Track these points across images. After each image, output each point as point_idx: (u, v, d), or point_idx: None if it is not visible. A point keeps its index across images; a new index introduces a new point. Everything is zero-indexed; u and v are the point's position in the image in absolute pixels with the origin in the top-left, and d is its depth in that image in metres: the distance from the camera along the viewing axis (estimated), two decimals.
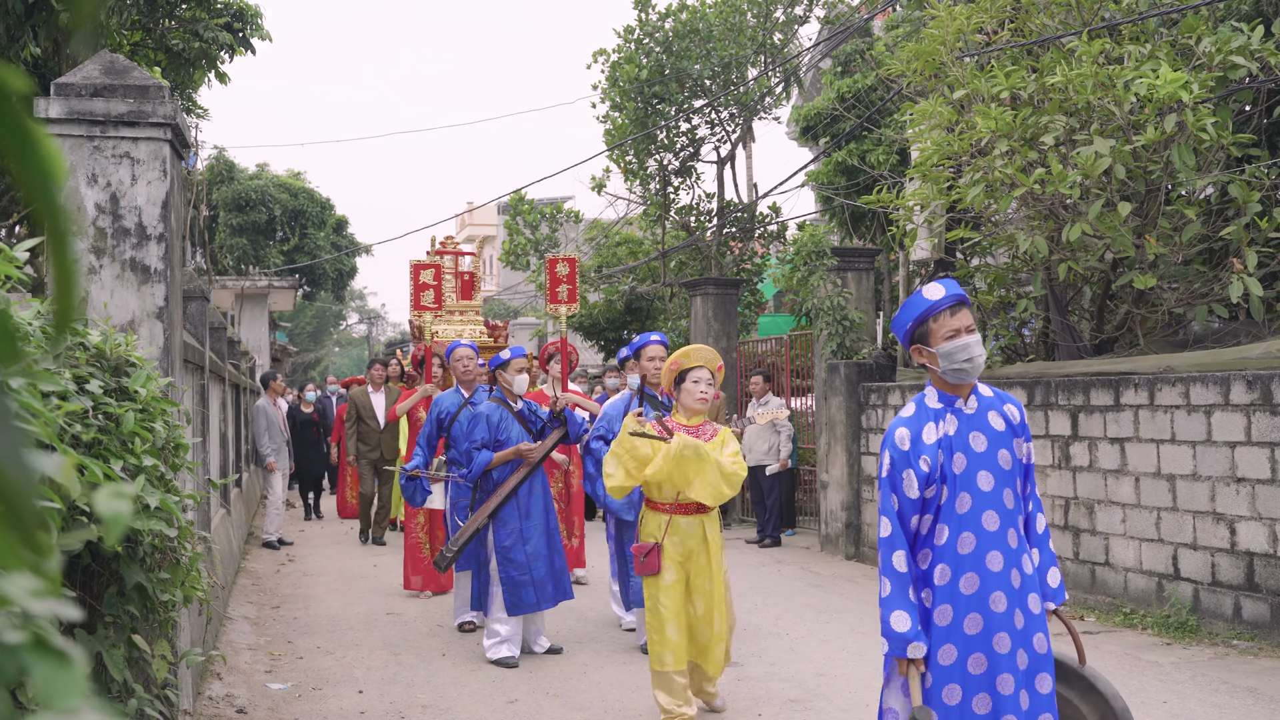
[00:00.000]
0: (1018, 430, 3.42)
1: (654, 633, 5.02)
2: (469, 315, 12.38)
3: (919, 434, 3.32)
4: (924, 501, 3.30)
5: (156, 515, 2.74)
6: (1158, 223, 7.94)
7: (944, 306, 3.34)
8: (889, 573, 3.27)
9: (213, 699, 5.66)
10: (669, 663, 4.97)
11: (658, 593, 5.00)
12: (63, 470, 0.80)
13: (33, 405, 1.93)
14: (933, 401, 3.39)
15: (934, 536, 3.30)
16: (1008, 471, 3.34)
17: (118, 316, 4.50)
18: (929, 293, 3.38)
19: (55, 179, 0.64)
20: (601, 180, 17.77)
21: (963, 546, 3.26)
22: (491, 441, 6.69)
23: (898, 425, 3.36)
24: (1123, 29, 8.28)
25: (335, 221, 30.75)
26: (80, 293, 1.50)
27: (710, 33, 15.73)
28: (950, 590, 3.25)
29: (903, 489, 3.30)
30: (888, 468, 3.33)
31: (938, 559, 3.28)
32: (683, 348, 5.28)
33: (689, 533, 5.07)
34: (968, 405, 3.37)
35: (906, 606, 3.23)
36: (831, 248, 11.65)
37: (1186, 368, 7.39)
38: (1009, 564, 3.28)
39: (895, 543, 3.28)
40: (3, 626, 0.69)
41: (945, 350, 3.30)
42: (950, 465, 3.29)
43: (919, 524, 3.32)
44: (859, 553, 10.79)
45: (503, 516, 6.62)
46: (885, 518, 3.30)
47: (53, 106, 4.54)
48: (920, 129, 9.24)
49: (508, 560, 6.54)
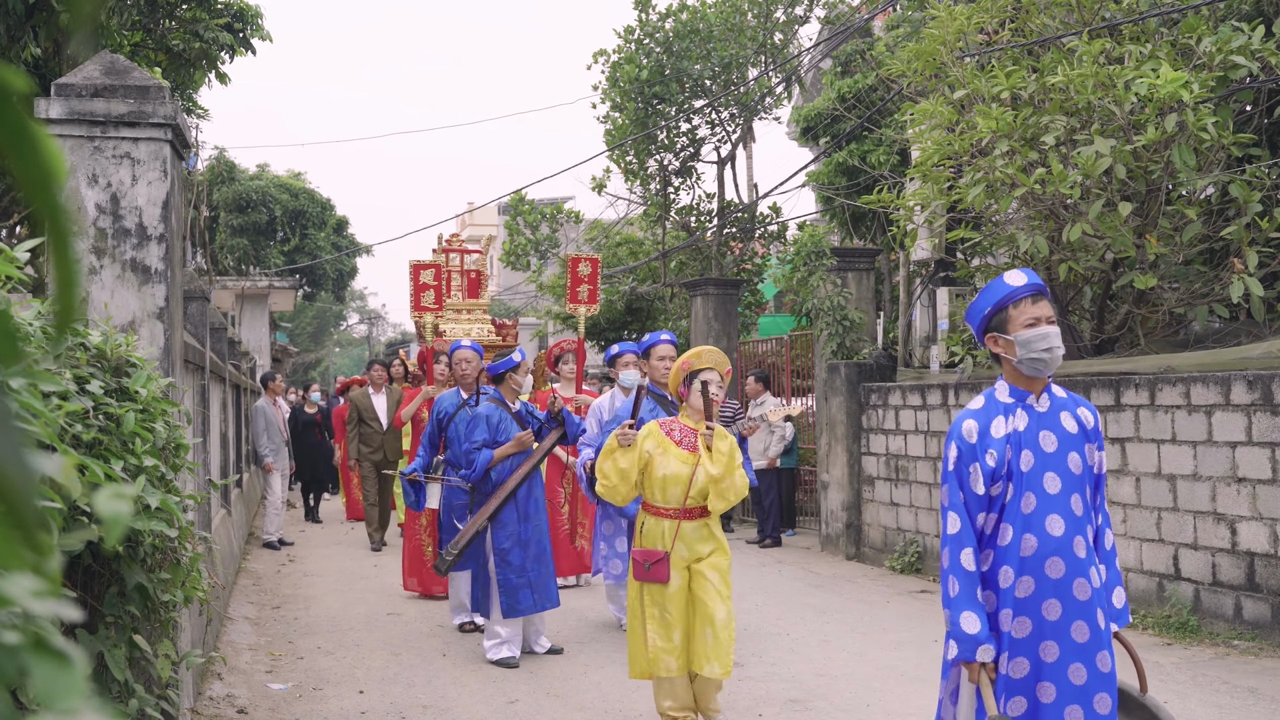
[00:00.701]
0: (1091, 436, 3.28)
1: (662, 639, 4.82)
2: (476, 314, 12.19)
3: (987, 427, 3.19)
4: (989, 499, 3.17)
5: (157, 516, 2.74)
6: (1158, 223, 7.93)
7: (1025, 294, 3.23)
8: (957, 571, 3.13)
9: (213, 699, 5.66)
10: (674, 668, 4.82)
11: (664, 600, 4.84)
12: (63, 470, 0.80)
13: (33, 405, 1.93)
14: (1003, 395, 3.26)
15: (998, 536, 3.17)
16: (1077, 476, 3.20)
17: (118, 317, 4.50)
18: (1011, 278, 3.27)
19: (56, 179, 0.64)
20: (602, 180, 17.77)
21: (1025, 549, 3.13)
22: (492, 442, 6.69)
23: (965, 417, 3.24)
24: (1123, 29, 8.28)
25: (336, 222, 30.76)
26: (81, 293, 1.51)
27: (710, 33, 15.73)
28: (1009, 594, 3.14)
29: (969, 484, 3.17)
30: (954, 460, 3.20)
31: (1001, 560, 3.16)
32: (693, 349, 5.19)
33: (693, 536, 4.93)
34: (1040, 402, 3.24)
35: (976, 607, 3.10)
36: (832, 248, 11.65)
37: (1187, 368, 7.39)
38: (1072, 573, 3.13)
39: (964, 539, 3.14)
40: (3, 627, 0.69)
41: (1024, 338, 3.17)
42: (1018, 462, 3.16)
43: (984, 522, 3.18)
44: (859, 553, 10.79)
45: (501, 519, 6.60)
46: (953, 513, 3.17)
47: (53, 107, 4.54)
48: (921, 129, 9.24)
49: (505, 563, 6.52)
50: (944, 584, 3.17)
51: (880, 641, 7.05)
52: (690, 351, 5.12)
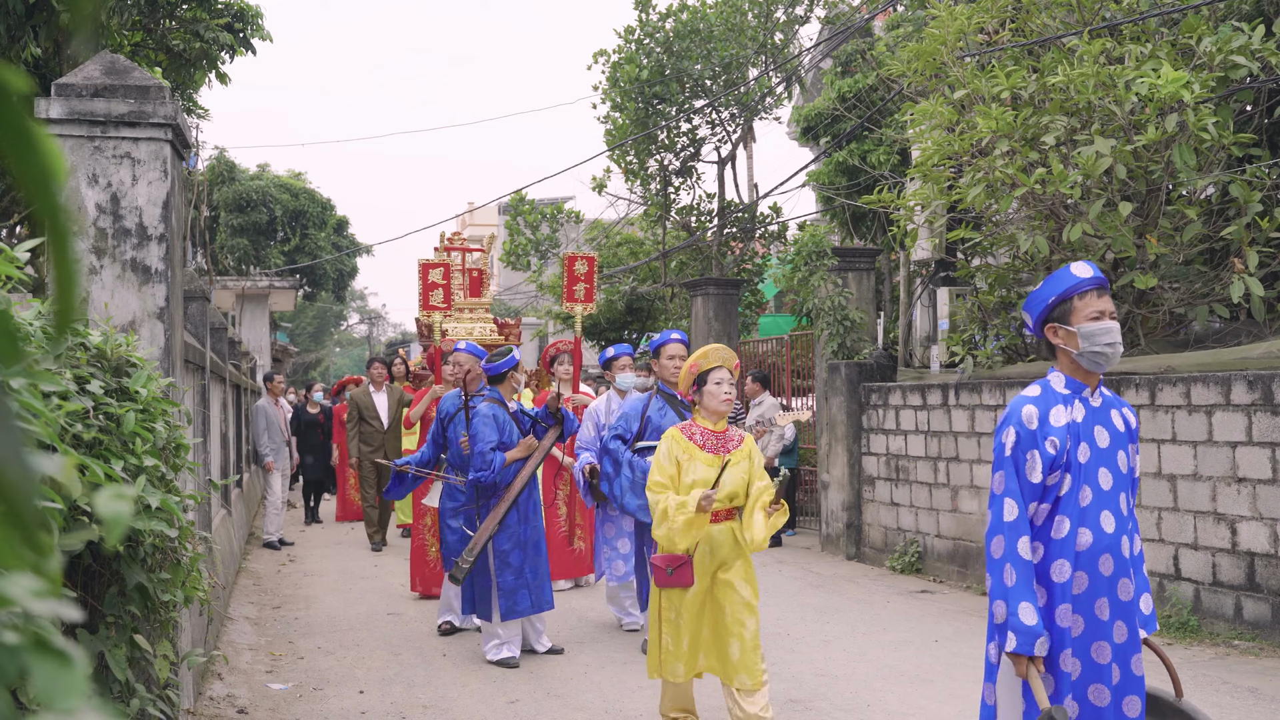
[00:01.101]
0: (1132, 437, 3.23)
1: (673, 643, 4.69)
2: (479, 313, 12.08)
3: (1046, 414, 3.10)
4: (1044, 488, 3.07)
5: (157, 515, 2.74)
6: (1158, 223, 7.93)
7: (1091, 286, 3.14)
8: (1014, 559, 3.00)
9: (214, 699, 5.66)
10: (680, 673, 4.71)
11: (680, 604, 4.69)
12: (64, 470, 0.80)
13: (34, 405, 1.93)
14: (1059, 386, 3.17)
15: (1052, 528, 3.07)
16: (1124, 475, 3.15)
17: (118, 317, 4.50)
18: (1078, 270, 3.17)
19: (56, 179, 0.64)
20: (602, 180, 17.77)
21: (1080, 543, 3.04)
22: (501, 443, 6.67)
23: (1024, 403, 3.12)
24: (1124, 29, 8.28)
25: (336, 222, 30.76)
26: (81, 293, 1.50)
27: (711, 33, 15.73)
28: (1066, 589, 3.04)
29: (1025, 470, 3.06)
30: (1011, 445, 3.09)
31: (1056, 553, 3.05)
32: (700, 348, 5.04)
33: (720, 540, 4.73)
34: (1094, 397, 3.16)
35: (1034, 598, 2.98)
36: (832, 248, 11.65)
37: (1187, 368, 7.38)
38: (1119, 572, 3.08)
39: (1020, 527, 3.02)
40: (4, 627, 0.69)
41: (1088, 331, 3.09)
42: (1076, 453, 3.07)
43: (1034, 513, 3.08)
44: (860, 553, 10.79)
45: (505, 521, 6.58)
46: (1009, 499, 3.05)
47: (53, 107, 4.54)
48: (921, 129, 9.24)
49: (505, 565, 6.50)
50: (997, 573, 3.02)
51: (881, 641, 7.05)
52: (697, 352, 5.00)
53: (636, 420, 6.56)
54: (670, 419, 6.48)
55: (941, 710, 5.50)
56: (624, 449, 6.49)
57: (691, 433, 4.84)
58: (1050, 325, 3.19)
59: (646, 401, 6.70)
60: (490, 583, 6.59)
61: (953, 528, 9.39)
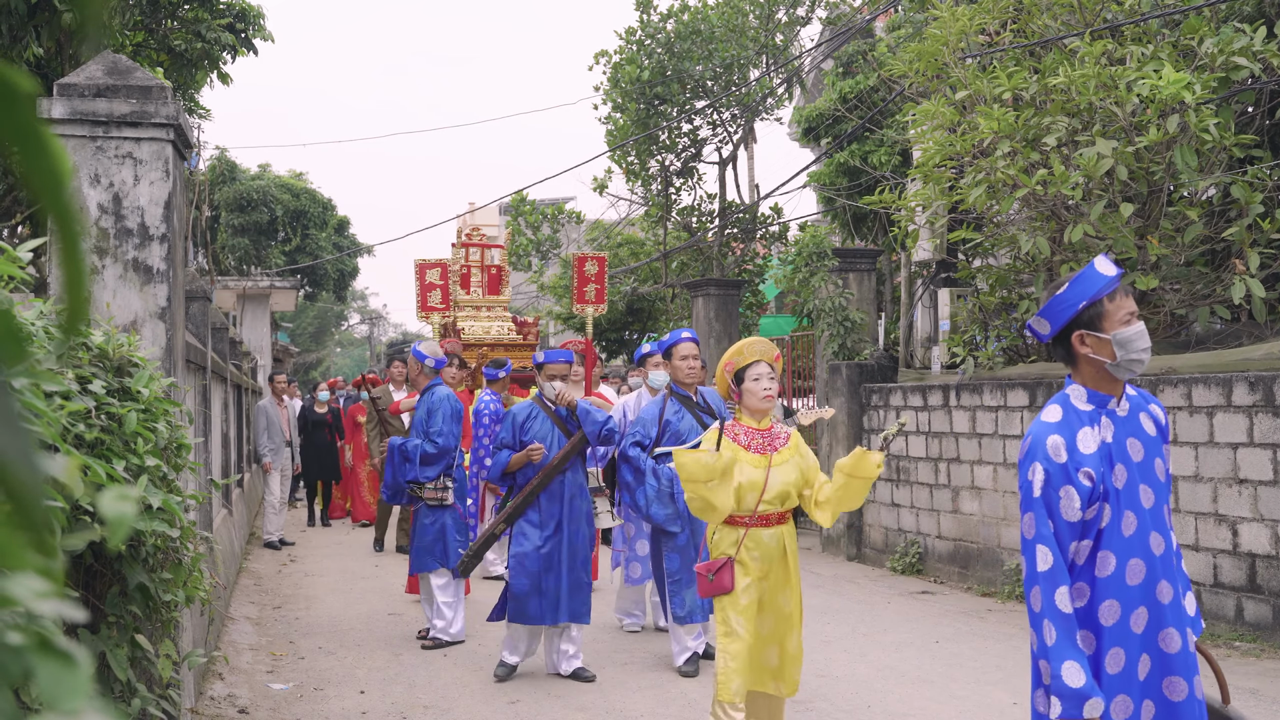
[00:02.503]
0: (1164, 436, 2.94)
1: (731, 659, 4.34)
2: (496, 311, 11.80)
3: (1074, 442, 2.76)
4: (1084, 525, 2.75)
5: (159, 516, 2.74)
6: (1160, 224, 7.93)
7: (1118, 285, 2.81)
8: (1053, 614, 2.68)
9: (215, 699, 5.66)
10: (735, 690, 4.36)
11: (737, 615, 4.37)
12: (66, 471, 0.80)
13: (36, 405, 1.93)
14: (1081, 402, 2.83)
15: (1095, 566, 2.76)
16: (1163, 484, 2.86)
17: (120, 317, 4.51)
18: (1103, 267, 2.82)
19: (64, 180, 0.64)
20: (603, 181, 17.78)
21: (1132, 576, 2.75)
22: (515, 441, 6.27)
23: (1047, 432, 2.78)
24: (1125, 30, 8.28)
25: (337, 222, 30.77)
26: (88, 293, 1.52)
27: (712, 34, 15.73)
28: (1122, 631, 2.73)
29: (1059, 510, 2.73)
30: (1040, 485, 2.74)
31: (1104, 594, 2.74)
32: (735, 344, 4.70)
33: (770, 545, 4.46)
34: (1120, 407, 2.84)
35: (1078, 655, 2.67)
36: (833, 249, 11.65)
37: (1188, 369, 7.38)
38: (1177, 593, 2.81)
39: (1058, 577, 2.70)
40: (8, 627, 0.69)
41: (1124, 336, 2.75)
42: (1111, 479, 2.76)
43: (1075, 551, 2.76)
44: (860, 554, 10.78)
45: (520, 523, 6.27)
46: (1042, 546, 2.72)
47: (55, 107, 4.54)
48: (922, 130, 9.24)
49: (520, 567, 6.14)
50: (1037, 629, 2.72)
51: (881, 642, 7.05)
52: (732, 349, 4.66)
53: (654, 425, 6.32)
54: (688, 422, 6.31)
55: (942, 711, 5.50)
56: (644, 456, 6.24)
57: (736, 433, 4.55)
58: (1078, 333, 2.82)
59: (662, 405, 6.45)
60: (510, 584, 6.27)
61: (953, 529, 9.39)
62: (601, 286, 9.16)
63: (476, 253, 11.92)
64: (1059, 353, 2.93)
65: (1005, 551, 8.74)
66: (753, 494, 4.42)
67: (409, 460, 7.11)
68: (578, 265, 8.96)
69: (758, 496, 4.42)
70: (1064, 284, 2.86)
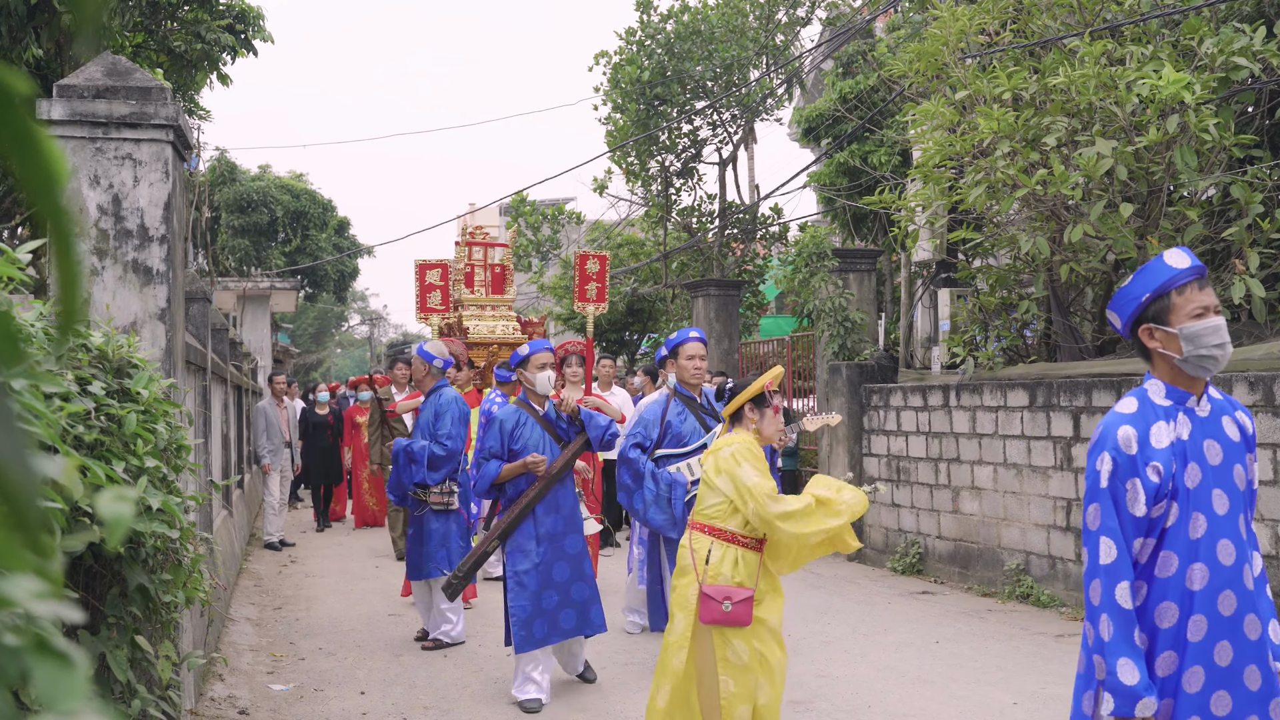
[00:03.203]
0: (1250, 444, 2.81)
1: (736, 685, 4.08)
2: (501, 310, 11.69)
3: (1147, 435, 2.69)
4: (1149, 522, 2.67)
5: (159, 517, 2.74)
6: (1160, 224, 7.93)
7: (1190, 278, 2.71)
8: (1111, 609, 2.61)
9: (215, 700, 5.67)
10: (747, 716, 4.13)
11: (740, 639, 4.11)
12: (65, 472, 0.80)
13: (35, 407, 1.93)
14: (1159, 397, 2.75)
15: (1156, 565, 2.67)
16: (1242, 494, 2.74)
17: (120, 318, 4.51)
18: (1173, 259, 2.75)
19: (59, 182, 0.64)
20: (603, 181, 17.78)
21: (1193, 581, 2.65)
22: (504, 450, 5.81)
23: (1119, 423, 2.71)
24: (1125, 30, 8.28)
25: (337, 223, 30.79)
26: (84, 295, 1.53)
27: (712, 34, 15.74)
28: (1176, 635, 2.65)
29: (1126, 503, 2.66)
30: (1108, 475, 2.67)
31: (1162, 595, 2.66)
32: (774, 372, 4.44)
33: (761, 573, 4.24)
34: (1200, 406, 2.75)
35: (1135, 653, 2.59)
36: (833, 249, 11.65)
37: None
38: (1243, 608, 2.68)
39: (1120, 571, 2.62)
40: (6, 628, 0.69)
41: (1192, 331, 2.67)
42: (1183, 477, 2.68)
43: (1138, 549, 2.68)
44: (860, 554, 10.78)
45: (516, 538, 5.79)
46: (1106, 538, 2.65)
47: (55, 108, 4.54)
48: (922, 130, 9.24)
49: (520, 587, 5.70)
50: (1094, 623, 2.65)
51: (881, 643, 7.05)
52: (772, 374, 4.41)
53: (656, 426, 6.19)
54: (691, 423, 6.20)
55: (942, 711, 5.50)
56: (644, 458, 6.10)
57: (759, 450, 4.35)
58: (1145, 326, 2.77)
59: (664, 405, 6.30)
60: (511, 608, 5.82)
61: (954, 529, 9.39)
62: (603, 285, 9.12)
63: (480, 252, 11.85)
64: (1136, 347, 2.86)
65: (1005, 552, 8.73)
66: None
67: (415, 462, 7.01)
68: (579, 263, 8.91)
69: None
70: (1131, 277, 2.83)
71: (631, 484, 6.13)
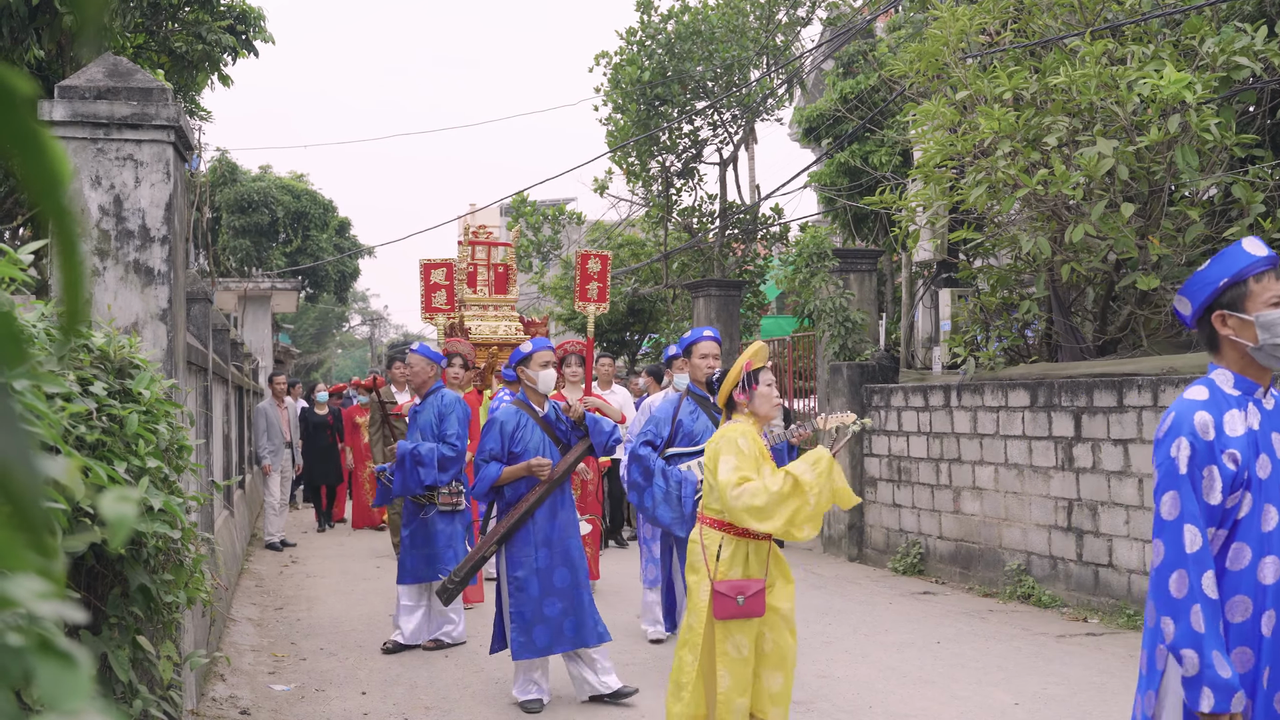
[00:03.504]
0: None
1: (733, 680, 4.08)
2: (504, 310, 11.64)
3: (1221, 422, 2.62)
4: (1223, 512, 2.61)
5: (160, 517, 2.74)
6: (1161, 224, 7.93)
7: (1267, 266, 2.67)
8: (1202, 599, 2.51)
9: (216, 700, 5.67)
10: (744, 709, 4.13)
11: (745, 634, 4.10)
12: (67, 472, 0.81)
13: (37, 407, 1.93)
14: (1228, 386, 2.69)
15: (1228, 558, 2.61)
16: None
17: (121, 318, 4.51)
18: (1251, 247, 2.70)
19: (62, 183, 0.64)
20: (604, 182, 17.79)
21: (1265, 575, 2.59)
22: (504, 452, 5.69)
23: (1194, 408, 2.64)
24: (1125, 29, 8.28)
25: (338, 223, 30.80)
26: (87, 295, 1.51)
27: (712, 34, 15.74)
28: (1250, 631, 2.58)
29: (1203, 490, 2.59)
30: (1186, 461, 2.59)
31: (1235, 588, 2.60)
32: (750, 348, 4.46)
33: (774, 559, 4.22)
34: (1267, 399, 2.70)
35: (1224, 645, 2.51)
36: (834, 249, 11.65)
37: (1190, 369, 7.38)
38: None
39: (1205, 559, 2.54)
40: (9, 628, 0.69)
41: (1269, 319, 2.61)
42: (1254, 467, 2.62)
43: (1211, 540, 2.60)
44: (861, 554, 10.78)
45: (515, 543, 5.66)
46: (1190, 526, 2.56)
47: (56, 109, 4.55)
48: (923, 130, 9.24)
49: (520, 592, 5.59)
50: (1182, 616, 2.53)
51: (883, 643, 7.04)
52: (750, 351, 4.44)
53: (667, 425, 6.14)
54: (703, 422, 6.16)
55: (944, 712, 5.50)
56: (654, 456, 6.04)
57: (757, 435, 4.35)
58: (1218, 313, 2.71)
59: (677, 404, 6.26)
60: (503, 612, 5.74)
61: (955, 529, 9.39)
62: (604, 285, 9.07)
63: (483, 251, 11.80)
64: (1202, 336, 2.81)
65: (1007, 552, 8.73)
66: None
67: (424, 464, 6.88)
68: (581, 262, 8.86)
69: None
70: (1208, 263, 2.78)
71: (642, 481, 6.07)
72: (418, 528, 7.10)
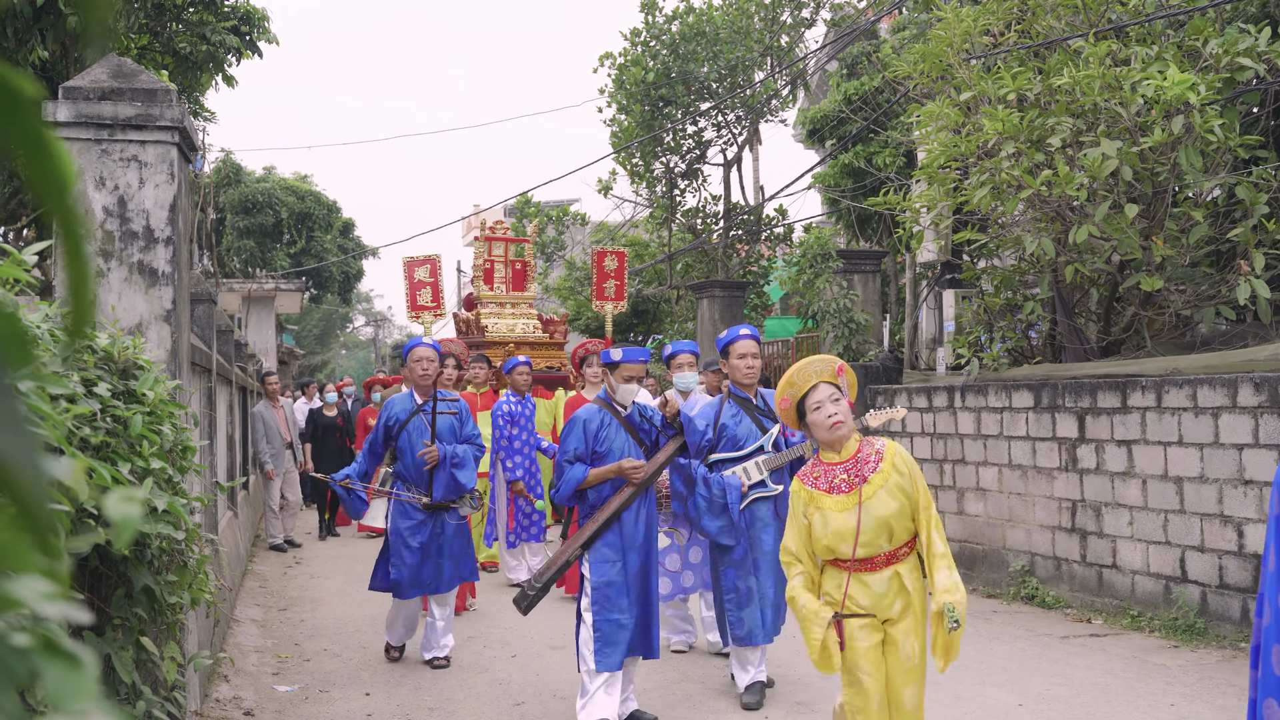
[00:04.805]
0: None
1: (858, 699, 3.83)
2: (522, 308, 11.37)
3: None
4: None
5: (164, 518, 2.74)
6: (1165, 225, 7.92)
7: None
8: None
9: (220, 701, 5.67)
10: None
11: (855, 660, 3.82)
12: (72, 473, 0.81)
13: (42, 408, 1.94)
14: None
15: None
16: None
17: (125, 319, 4.51)
18: None
19: (68, 183, 0.64)
20: (608, 183, 17.80)
21: None
22: (588, 453, 5.33)
23: None
24: (1129, 31, 8.27)
25: (342, 224, 30.83)
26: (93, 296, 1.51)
27: (717, 35, 15.75)
28: None
29: None
30: None
31: None
32: (786, 373, 4.06)
33: (880, 591, 3.83)
34: None
35: None
36: (837, 250, 11.65)
37: (1193, 370, 7.37)
38: None
39: None
40: (14, 629, 0.69)
41: None
42: None
43: None
44: None
45: (601, 548, 5.27)
46: None
47: (60, 110, 4.55)
48: (927, 131, 9.24)
49: (607, 600, 5.19)
50: None
51: None
52: (783, 381, 4.05)
53: (710, 429, 5.80)
54: (746, 425, 5.82)
55: (947, 713, 5.49)
56: (696, 463, 5.73)
57: (814, 477, 3.94)
58: None
59: (719, 407, 5.91)
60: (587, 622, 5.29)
61: (958, 530, 9.38)
62: (621, 283, 9.01)
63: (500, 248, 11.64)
64: None
65: (1010, 553, 8.72)
66: (846, 543, 3.82)
67: (462, 466, 6.65)
68: (597, 260, 8.80)
69: (853, 543, 3.81)
70: None
71: (684, 490, 5.77)
72: (428, 536, 6.68)
